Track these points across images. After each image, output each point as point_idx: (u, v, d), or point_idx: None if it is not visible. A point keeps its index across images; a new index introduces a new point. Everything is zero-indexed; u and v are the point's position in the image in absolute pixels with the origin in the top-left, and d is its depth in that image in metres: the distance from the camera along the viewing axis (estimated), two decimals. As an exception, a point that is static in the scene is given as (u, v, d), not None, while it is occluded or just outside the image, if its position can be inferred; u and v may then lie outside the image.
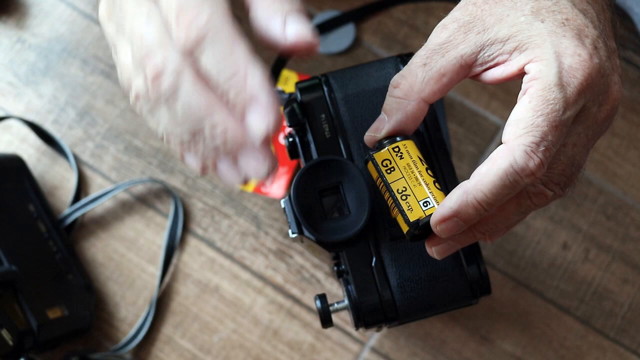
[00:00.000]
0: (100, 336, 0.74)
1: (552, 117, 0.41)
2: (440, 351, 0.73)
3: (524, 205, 0.44)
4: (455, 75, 0.44)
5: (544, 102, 0.41)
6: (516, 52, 0.43)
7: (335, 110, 0.53)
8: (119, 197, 0.76)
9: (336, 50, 0.79)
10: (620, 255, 0.75)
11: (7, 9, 0.80)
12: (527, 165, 0.40)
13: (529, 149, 0.41)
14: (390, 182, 0.45)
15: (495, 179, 0.41)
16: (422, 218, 0.44)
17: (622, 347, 0.73)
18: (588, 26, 0.43)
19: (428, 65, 0.44)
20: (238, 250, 0.75)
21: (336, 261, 0.53)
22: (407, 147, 0.45)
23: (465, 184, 0.42)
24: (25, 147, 0.77)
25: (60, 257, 0.72)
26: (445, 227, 0.42)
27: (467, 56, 0.44)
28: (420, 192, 0.44)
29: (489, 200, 0.41)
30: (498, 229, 0.45)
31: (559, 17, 0.43)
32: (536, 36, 0.43)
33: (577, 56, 0.42)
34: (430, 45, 0.45)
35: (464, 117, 0.77)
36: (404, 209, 0.44)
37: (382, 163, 0.45)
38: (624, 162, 0.77)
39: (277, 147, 0.75)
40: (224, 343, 0.74)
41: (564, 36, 0.43)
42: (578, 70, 0.42)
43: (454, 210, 0.42)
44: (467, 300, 0.52)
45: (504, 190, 0.41)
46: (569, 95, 0.42)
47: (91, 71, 0.79)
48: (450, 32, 0.44)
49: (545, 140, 0.41)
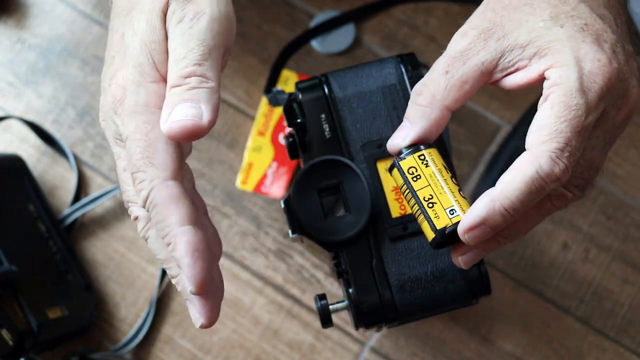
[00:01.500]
0: (100, 336, 0.74)
1: (575, 123, 0.41)
2: (440, 351, 0.73)
3: (545, 208, 0.45)
4: (476, 82, 0.45)
5: (566, 108, 0.41)
6: (536, 57, 0.43)
7: (335, 110, 0.53)
8: (119, 197, 0.76)
9: (336, 50, 0.79)
10: (620, 255, 0.75)
11: (7, 9, 0.80)
12: (553, 171, 0.41)
13: (554, 154, 0.41)
14: (417, 190, 0.45)
15: (521, 185, 0.41)
16: (448, 225, 0.44)
17: (622, 347, 0.73)
18: (607, 31, 0.44)
19: (450, 73, 0.45)
20: (238, 250, 0.75)
21: (336, 261, 0.53)
22: (432, 155, 0.45)
23: (492, 192, 0.42)
24: (25, 147, 0.77)
25: (60, 257, 0.72)
26: (474, 235, 0.43)
27: (488, 63, 0.44)
28: (446, 200, 0.44)
29: (516, 207, 0.42)
30: (519, 232, 0.46)
31: (578, 22, 0.44)
32: (555, 41, 0.43)
33: (597, 61, 0.42)
34: (451, 53, 0.45)
35: (464, 117, 0.77)
36: (430, 217, 0.44)
37: (408, 171, 0.45)
38: (624, 162, 0.77)
39: (277, 147, 0.75)
40: (224, 343, 0.74)
41: (583, 41, 0.43)
42: (598, 76, 0.42)
43: (482, 218, 0.42)
44: (467, 300, 0.52)
45: (530, 196, 0.42)
46: (590, 100, 0.42)
47: (91, 71, 0.79)
48: (470, 40, 0.45)
49: (569, 146, 0.41)
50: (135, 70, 0.44)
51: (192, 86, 0.42)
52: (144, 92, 0.43)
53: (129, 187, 0.45)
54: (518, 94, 0.78)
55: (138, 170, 0.42)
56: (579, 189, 0.45)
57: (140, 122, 0.43)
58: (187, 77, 0.42)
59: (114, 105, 0.44)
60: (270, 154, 0.75)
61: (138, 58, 0.44)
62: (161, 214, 0.42)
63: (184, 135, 0.42)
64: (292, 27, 0.79)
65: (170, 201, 0.41)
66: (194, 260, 0.41)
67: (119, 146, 0.45)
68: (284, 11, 0.80)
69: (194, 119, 0.42)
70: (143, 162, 0.42)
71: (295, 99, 0.54)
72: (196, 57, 0.43)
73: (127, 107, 0.43)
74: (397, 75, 0.53)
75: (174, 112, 0.42)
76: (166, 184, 0.42)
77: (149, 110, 0.43)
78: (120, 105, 0.44)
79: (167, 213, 0.41)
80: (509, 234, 0.45)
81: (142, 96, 0.43)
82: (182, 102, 0.42)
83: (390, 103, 0.53)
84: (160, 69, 0.44)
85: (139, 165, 0.42)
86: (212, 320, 0.43)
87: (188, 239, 0.41)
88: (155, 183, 0.42)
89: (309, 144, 0.53)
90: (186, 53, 0.43)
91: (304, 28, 0.79)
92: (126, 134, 0.43)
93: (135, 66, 0.44)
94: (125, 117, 0.43)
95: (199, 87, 0.43)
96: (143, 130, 0.43)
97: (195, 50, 0.43)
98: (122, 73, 0.44)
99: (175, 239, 0.41)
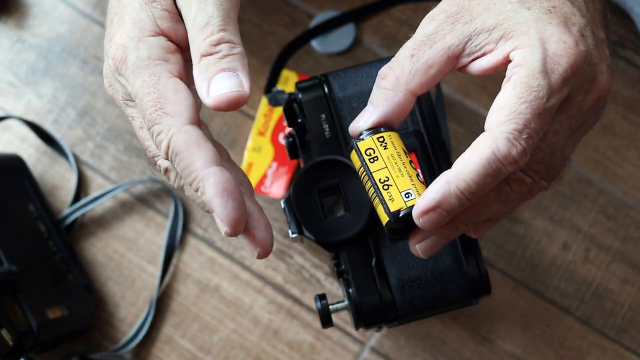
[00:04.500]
0: (100, 336, 0.74)
1: (536, 105, 0.40)
2: (440, 351, 0.73)
3: (504, 193, 0.43)
4: (443, 67, 0.44)
5: (528, 89, 0.41)
6: (502, 40, 0.43)
7: (335, 110, 0.53)
8: (119, 197, 0.76)
9: (336, 50, 0.79)
10: (620, 255, 0.75)
11: (7, 9, 0.80)
12: (510, 152, 0.40)
13: (512, 136, 0.40)
14: (373, 172, 0.44)
15: (477, 167, 0.40)
16: (403, 209, 0.43)
17: (622, 347, 0.73)
18: (575, 14, 0.43)
19: (415, 56, 0.44)
20: (238, 250, 0.75)
21: (336, 261, 0.53)
22: (391, 138, 0.45)
23: (447, 174, 0.41)
24: (25, 147, 0.77)
25: (60, 257, 0.72)
26: (428, 219, 0.42)
27: (455, 47, 0.43)
28: (403, 183, 0.43)
29: (472, 189, 0.41)
30: (480, 219, 0.45)
31: (546, 5, 0.43)
32: (522, 23, 0.42)
33: (563, 43, 0.42)
34: (418, 37, 0.44)
35: (464, 117, 0.77)
36: (385, 199, 0.43)
37: (366, 152, 0.44)
38: (624, 162, 0.77)
39: (277, 147, 0.75)
40: (224, 343, 0.74)
41: (550, 23, 0.42)
42: (563, 57, 0.41)
43: (436, 201, 0.41)
44: (467, 300, 0.52)
45: (487, 178, 0.40)
46: (553, 82, 0.41)
47: (91, 71, 0.79)
48: (437, 23, 0.44)
49: (528, 128, 0.40)
50: (134, 27, 0.43)
51: (225, 54, 0.42)
52: (145, 45, 0.43)
53: (149, 142, 0.44)
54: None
55: (154, 124, 0.42)
56: (540, 175, 0.44)
57: (146, 75, 0.42)
58: (217, 45, 0.42)
59: (116, 67, 0.44)
60: (270, 154, 0.75)
61: (138, 15, 0.43)
62: (185, 160, 0.41)
63: (230, 107, 0.42)
64: (292, 27, 0.79)
65: (192, 145, 0.41)
66: (225, 199, 0.40)
67: (130, 107, 0.45)
68: (284, 11, 0.80)
69: (238, 89, 0.42)
70: (157, 114, 0.42)
71: (295, 99, 0.54)
72: (219, 22, 0.42)
73: (130, 64, 0.43)
74: (397, 75, 0.53)
75: (214, 84, 0.42)
76: (184, 129, 0.41)
77: (153, 63, 0.43)
78: (122, 65, 0.43)
79: (191, 158, 0.41)
80: (468, 219, 0.44)
81: (144, 50, 0.43)
82: (219, 72, 0.42)
83: (390, 103, 0.53)
84: (160, 25, 0.43)
85: (154, 118, 0.42)
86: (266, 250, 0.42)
87: (216, 179, 0.40)
88: (173, 131, 0.41)
89: (309, 144, 0.53)
90: (208, 19, 0.42)
91: (304, 28, 0.79)
92: (135, 92, 0.43)
93: (134, 22, 0.43)
94: (129, 75, 0.43)
95: (231, 53, 0.42)
96: (150, 83, 0.42)
97: (216, 16, 0.42)
98: (120, 32, 0.44)
99: (203, 182, 0.40)
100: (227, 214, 0.40)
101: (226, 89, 0.41)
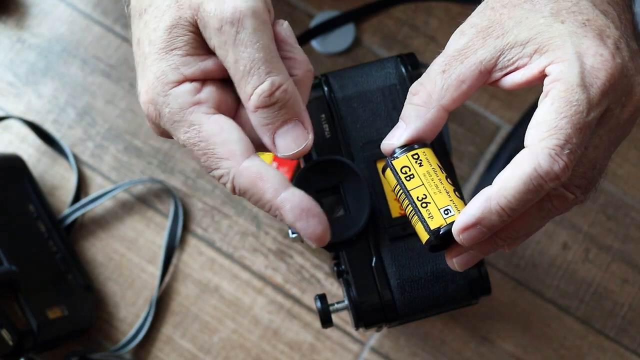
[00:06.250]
0: (100, 336, 0.74)
1: (576, 119, 0.40)
2: (440, 351, 0.73)
3: (545, 210, 0.43)
4: (474, 82, 0.43)
5: (567, 103, 0.40)
6: (537, 54, 0.42)
7: (335, 110, 0.53)
8: (119, 197, 0.76)
9: (336, 50, 0.79)
10: (620, 255, 0.75)
11: (7, 9, 0.80)
12: (552, 168, 0.39)
13: (553, 152, 0.39)
14: (410, 190, 0.44)
15: (519, 184, 0.40)
16: (443, 226, 0.42)
17: (622, 347, 0.73)
18: (609, 27, 0.43)
19: (447, 72, 0.43)
20: (238, 250, 0.75)
21: (336, 261, 0.53)
22: (426, 155, 0.44)
23: (488, 190, 0.41)
24: (25, 147, 0.77)
25: (60, 257, 0.72)
26: (468, 236, 0.41)
27: (487, 61, 0.43)
28: (441, 200, 0.43)
29: (513, 206, 0.40)
30: (519, 235, 0.44)
31: (580, 18, 0.42)
32: (557, 37, 0.42)
33: (599, 56, 0.41)
34: (449, 52, 0.44)
35: (464, 117, 0.77)
36: (424, 217, 0.43)
37: (401, 170, 0.44)
38: (624, 162, 0.77)
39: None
40: (224, 343, 0.74)
41: (585, 36, 0.42)
42: (601, 71, 0.41)
43: (477, 218, 0.41)
44: (467, 300, 0.52)
45: (528, 195, 0.40)
46: (592, 96, 0.40)
47: (91, 71, 0.79)
48: (468, 38, 0.43)
49: (569, 143, 0.40)
50: (157, 82, 0.43)
51: (281, 105, 0.43)
52: (173, 98, 0.43)
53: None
54: (518, 93, 0.78)
55: (211, 169, 0.42)
56: (581, 190, 0.43)
57: (186, 127, 0.43)
58: (269, 96, 0.42)
59: (156, 125, 0.44)
60: (270, 154, 0.75)
61: (159, 66, 0.43)
62: (254, 195, 0.42)
63: (300, 156, 0.44)
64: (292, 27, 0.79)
65: (256, 181, 0.42)
66: (305, 220, 0.41)
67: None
68: (284, 11, 0.80)
69: (305, 142, 0.43)
70: (211, 162, 0.42)
71: (295, 99, 0.54)
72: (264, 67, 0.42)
73: (167, 120, 0.43)
74: (397, 75, 0.53)
75: (280, 141, 0.43)
76: (243, 167, 0.42)
77: (187, 112, 0.43)
78: (159, 121, 0.44)
79: (259, 193, 0.42)
80: (507, 236, 0.44)
81: (174, 104, 0.43)
82: (281, 125, 0.43)
83: (390, 103, 0.53)
84: (183, 72, 0.43)
85: (209, 165, 0.42)
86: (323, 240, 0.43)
87: (291, 205, 0.41)
88: (233, 172, 0.42)
89: (309, 144, 0.53)
90: (251, 63, 0.42)
91: (304, 28, 0.79)
92: (182, 143, 0.43)
93: (157, 77, 0.43)
94: (170, 129, 0.43)
95: (287, 101, 0.43)
96: (193, 134, 0.42)
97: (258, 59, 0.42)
98: (145, 88, 0.43)
99: (279, 211, 0.42)
100: (312, 232, 0.42)
101: (293, 144, 0.43)
